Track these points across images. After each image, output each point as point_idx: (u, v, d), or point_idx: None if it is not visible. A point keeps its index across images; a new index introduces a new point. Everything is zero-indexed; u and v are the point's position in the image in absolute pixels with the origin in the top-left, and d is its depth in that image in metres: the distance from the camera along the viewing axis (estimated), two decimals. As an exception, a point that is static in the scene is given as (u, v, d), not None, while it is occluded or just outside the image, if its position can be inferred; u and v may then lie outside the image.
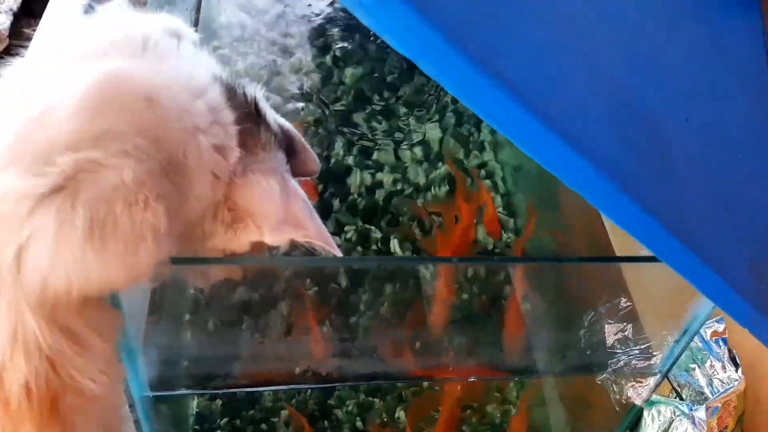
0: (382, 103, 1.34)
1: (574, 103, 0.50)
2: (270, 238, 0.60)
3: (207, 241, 0.59)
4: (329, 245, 0.62)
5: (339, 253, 0.63)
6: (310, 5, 1.42)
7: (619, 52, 0.59)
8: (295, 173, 0.66)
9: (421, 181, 1.28)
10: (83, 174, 0.47)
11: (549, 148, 0.48)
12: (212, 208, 0.57)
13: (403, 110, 1.34)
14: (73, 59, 0.53)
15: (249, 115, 0.60)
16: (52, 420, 0.50)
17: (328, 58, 1.36)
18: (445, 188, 1.28)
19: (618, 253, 0.95)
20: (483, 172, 1.31)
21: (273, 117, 0.65)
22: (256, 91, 0.62)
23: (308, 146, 0.69)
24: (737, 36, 0.74)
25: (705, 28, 0.72)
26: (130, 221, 0.49)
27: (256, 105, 0.61)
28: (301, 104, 1.31)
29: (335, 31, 1.39)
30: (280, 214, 0.59)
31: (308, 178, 0.70)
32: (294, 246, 0.64)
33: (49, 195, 0.47)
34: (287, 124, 0.68)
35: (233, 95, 0.59)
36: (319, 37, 1.38)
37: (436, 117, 1.35)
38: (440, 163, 1.30)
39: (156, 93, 0.52)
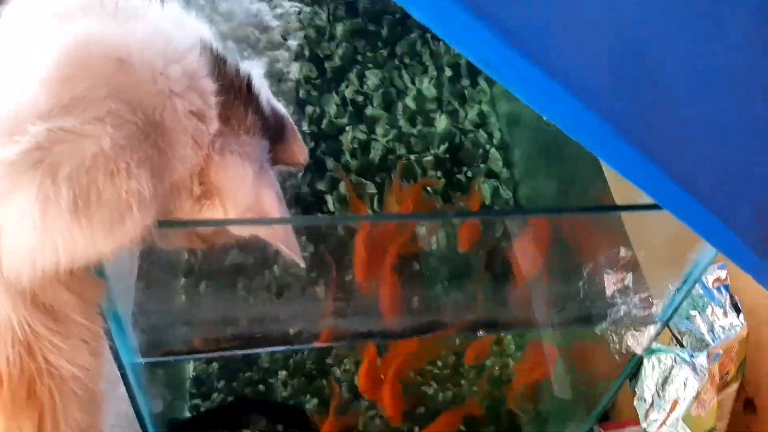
0: (376, 59, 1.31)
1: (569, 45, 0.47)
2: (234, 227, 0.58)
3: (176, 213, 0.57)
4: (294, 252, 0.60)
5: (303, 264, 0.61)
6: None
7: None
8: (280, 161, 0.64)
9: (417, 138, 1.25)
10: (60, 146, 0.45)
11: (545, 93, 0.46)
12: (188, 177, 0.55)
13: (397, 65, 1.31)
14: (44, 21, 0.50)
15: (237, 92, 0.57)
16: (28, 407, 0.49)
17: (320, 13, 1.32)
18: (443, 146, 1.25)
19: (618, 204, 0.93)
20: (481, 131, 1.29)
21: (267, 99, 0.62)
22: (252, 69, 0.60)
23: (299, 137, 0.67)
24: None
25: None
26: (115, 191, 0.47)
27: (249, 83, 0.59)
28: (293, 62, 1.28)
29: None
30: (249, 203, 0.57)
31: None
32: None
33: (27, 171, 0.44)
34: (282, 111, 0.65)
35: (222, 66, 0.56)
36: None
37: (432, 72, 1.31)
38: (436, 121, 1.28)
39: (128, 55, 0.49)
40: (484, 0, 0.40)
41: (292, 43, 1.29)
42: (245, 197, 0.57)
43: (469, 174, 1.23)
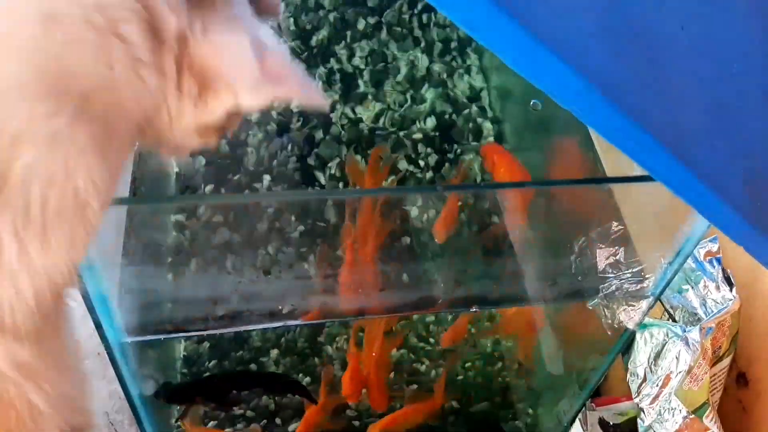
0: (364, 30, 1.29)
1: (561, 10, 0.46)
2: (248, 101, 0.49)
3: (175, 124, 0.50)
4: (317, 96, 0.52)
5: (327, 103, 0.55)
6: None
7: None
8: (257, 12, 0.55)
9: (407, 113, 1.24)
10: None
11: (534, 58, 0.45)
12: (173, 85, 0.49)
13: (385, 37, 1.29)
14: None
15: None
16: None
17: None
18: (432, 122, 1.24)
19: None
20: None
21: None
22: None
23: None
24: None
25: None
26: (64, 204, 0.42)
27: None
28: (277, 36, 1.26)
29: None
30: (255, 71, 0.49)
31: None
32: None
33: None
34: None
35: None
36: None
37: (422, 43, 1.30)
38: (426, 94, 1.26)
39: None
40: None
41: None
42: (250, 68, 0.49)
43: (459, 151, 1.22)
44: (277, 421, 1.18)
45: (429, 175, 1.19)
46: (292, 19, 1.28)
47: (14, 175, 0.40)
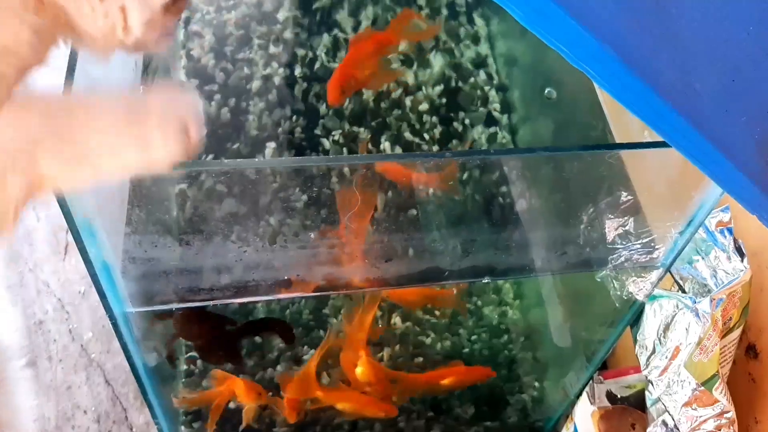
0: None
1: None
2: None
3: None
4: None
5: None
6: None
7: None
8: None
9: (411, 80, 1.22)
10: None
11: (546, 16, 0.43)
12: None
13: (390, 3, 1.27)
14: None
15: None
16: None
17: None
18: (439, 88, 1.22)
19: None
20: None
21: None
22: None
23: None
24: None
25: None
26: None
27: None
28: (280, 3, 1.24)
29: None
30: None
31: None
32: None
33: None
34: None
35: None
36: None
37: (427, 9, 1.27)
38: (432, 60, 1.24)
39: None
40: None
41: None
42: None
43: (467, 121, 1.21)
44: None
45: (435, 148, 1.18)
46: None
47: None
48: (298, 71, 1.17)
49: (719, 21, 0.63)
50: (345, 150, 1.14)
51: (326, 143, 1.14)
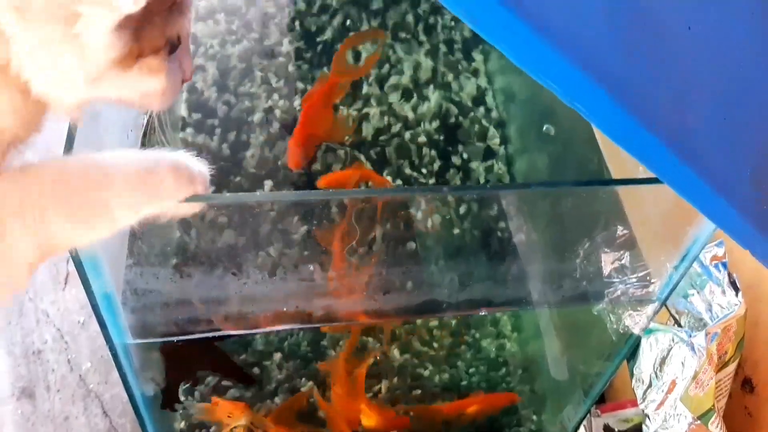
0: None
1: (565, 5, 0.46)
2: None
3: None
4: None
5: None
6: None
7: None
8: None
9: (410, 115, 1.24)
10: None
11: (538, 55, 0.45)
12: None
13: (389, 42, 1.29)
14: None
15: None
16: None
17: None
18: (435, 123, 1.23)
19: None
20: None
21: None
22: None
23: None
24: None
25: None
26: None
27: None
28: (283, 36, 1.26)
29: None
30: None
31: None
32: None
33: None
34: None
35: None
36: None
37: (426, 45, 1.29)
38: (431, 96, 1.26)
39: None
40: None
41: (282, 15, 1.27)
42: None
43: (465, 155, 1.22)
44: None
45: (432, 181, 1.19)
46: (297, 21, 1.28)
47: None
48: (297, 103, 1.19)
49: (711, 58, 0.64)
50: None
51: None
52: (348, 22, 1.29)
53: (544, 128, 1.12)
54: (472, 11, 0.40)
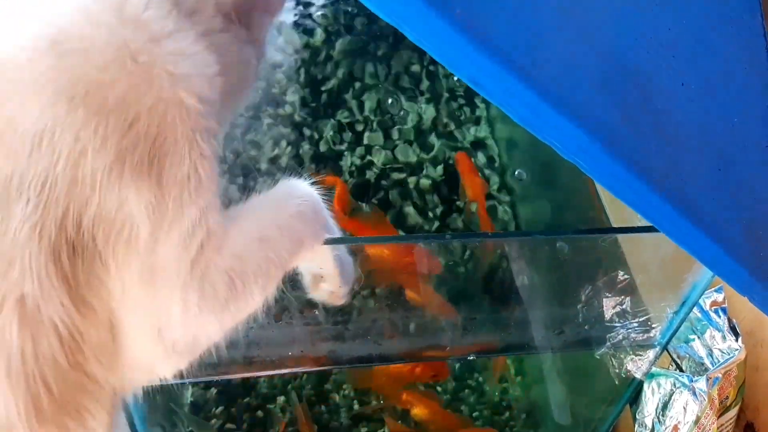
0: (372, 82, 1.32)
1: (563, 66, 0.48)
2: None
3: None
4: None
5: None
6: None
7: (610, 13, 0.57)
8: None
9: (413, 161, 1.26)
10: None
11: (538, 114, 0.47)
12: None
13: (393, 90, 1.32)
14: None
15: None
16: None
17: (315, 37, 1.33)
18: (440, 170, 1.26)
19: (614, 225, 0.93)
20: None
21: None
22: None
23: None
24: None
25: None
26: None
27: None
28: (288, 85, 1.29)
29: (321, 10, 1.37)
30: None
31: None
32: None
33: None
34: None
35: None
36: (305, 17, 1.36)
37: (428, 94, 1.32)
38: (433, 143, 1.28)
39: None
40: (472, 16, 0.41)
41: (288, 65, 1.30)
42: None
43: (466, 199, 1.24)
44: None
45: (436, 225, 1.21)
46: (303, 69, 1.31)
47: None
48: (303, 151, 1.21)
49: (705, 112, 0.66)
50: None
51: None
52: (353, 71, 1.32)
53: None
54: (473, 74, 0.42)
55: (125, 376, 0.53)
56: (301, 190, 0.61)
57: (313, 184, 0.62)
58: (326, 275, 0.66)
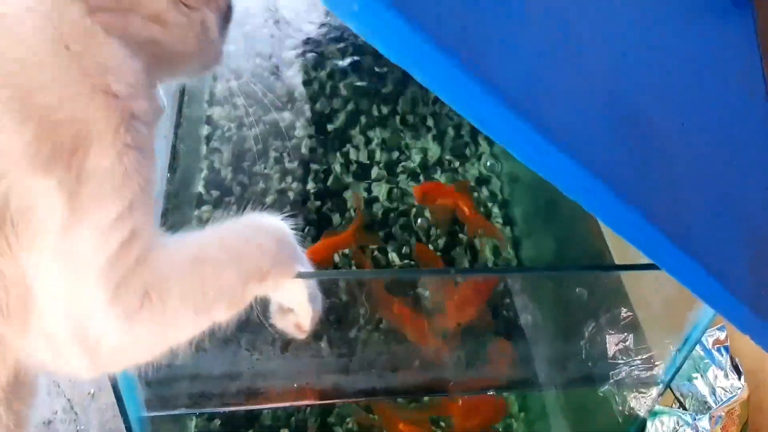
0: (379, 120, 1.34)
1: (567, 107, 0.50)
2: None
3: None
4: None
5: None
6: (300, 30, 1.42)
7: (613, 56, 0.58)
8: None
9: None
10: None
11: (542, 154, 0.48)
12: None
13: (399, 127, 1.34)
14: None
15: None
16: None
17: (322, 74, 1.36)
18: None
19: (617, 262, 0.94)
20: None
21: None
22: None
23: None
24: (730, 37, 0.74)
25: (698, 31, 0.72)
26: None
27: None
28: (295, 121, 1.31)
29: (329, 47, 1.39)
30: None
31: None
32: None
33: None
34: None
35: None
36: (313, 53, 1.38)
37: (434, 131, 1.34)
38: (438, 179, 1.30)
39: None
40: (480, 58, 0.43)
41: (296, 102, 1.32)
42: None
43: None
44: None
45: (439, 255, 1.22)
46: (308, 106, 1.33)
47: None
48: (310, 186, 1.23)
49: (706, 151, 0.67)
50: (353, 264, 1.18)
51: (335, 257, 1.18)
52: (359, 106, 1.34)
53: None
54: (479, 114, 0.44)
55: (37, 345, 0.51)
56: (267, 220, 0.60)
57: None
58: (296, 309, 0.65)
